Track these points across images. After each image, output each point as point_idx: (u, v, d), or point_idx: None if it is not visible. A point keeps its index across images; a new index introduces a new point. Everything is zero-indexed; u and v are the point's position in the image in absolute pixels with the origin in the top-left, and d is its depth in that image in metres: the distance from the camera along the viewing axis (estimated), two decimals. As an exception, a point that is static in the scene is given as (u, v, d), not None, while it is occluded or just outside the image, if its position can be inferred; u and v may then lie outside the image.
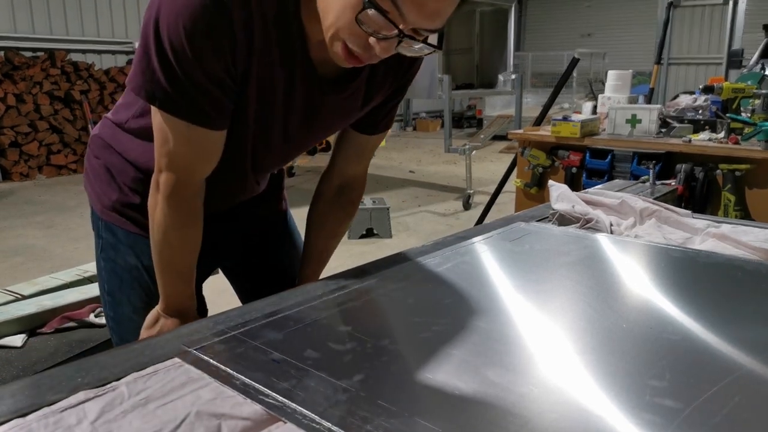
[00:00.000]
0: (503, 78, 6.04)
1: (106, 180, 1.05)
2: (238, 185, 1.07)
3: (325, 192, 1.15)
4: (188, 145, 0.86)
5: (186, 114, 0.83)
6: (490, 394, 0.59)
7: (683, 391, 0.59)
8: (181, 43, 0.77)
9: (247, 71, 0.84)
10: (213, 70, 0.81)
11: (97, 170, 1.06)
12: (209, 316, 0.79)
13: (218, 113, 0.85)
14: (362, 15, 0.72)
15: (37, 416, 0.55)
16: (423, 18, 0.72)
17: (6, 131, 6.36)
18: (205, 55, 0.79)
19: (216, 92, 0.82)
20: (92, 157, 1.08)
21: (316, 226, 1.18)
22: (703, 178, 2.56)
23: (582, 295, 0.88)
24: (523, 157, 3.15)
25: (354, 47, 0.77)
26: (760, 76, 3.90)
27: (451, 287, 0.89)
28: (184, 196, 0.90)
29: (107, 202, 1.05)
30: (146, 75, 0.81)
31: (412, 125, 12.27)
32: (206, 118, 0.84)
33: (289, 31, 0.84)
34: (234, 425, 0.54)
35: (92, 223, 1.10)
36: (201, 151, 0.88)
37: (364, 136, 1.07)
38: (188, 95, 0.81)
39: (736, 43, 6.06)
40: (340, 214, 1.17)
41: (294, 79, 0.88)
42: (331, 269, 0.99)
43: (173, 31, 0.77)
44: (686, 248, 1.12)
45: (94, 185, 1.08)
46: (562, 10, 13.12)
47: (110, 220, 1.05)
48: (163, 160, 0.87)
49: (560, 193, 1.37)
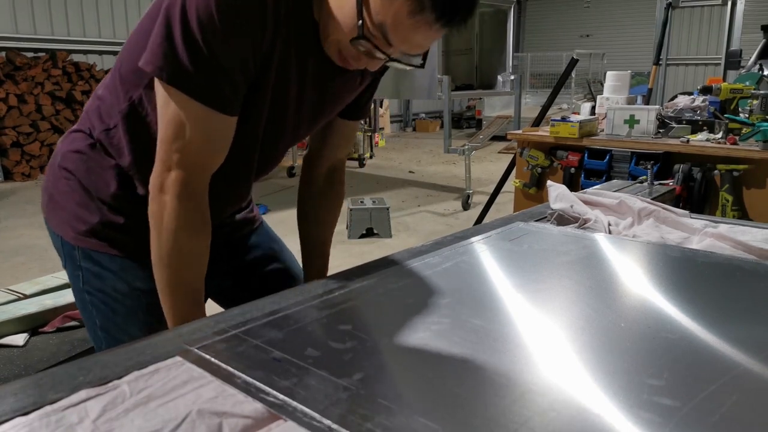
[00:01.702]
0: (502, 79, 6.04)
1: (82, 201, 0.97)
2: (241, 184, 1.06)
3: (316, 179, 1.18)
4: (204, 133, 0.84)
5: (208, 97, 0.81)
6: (489, 393, 0.59)
7: (681, 390, 0.60)
8: (211, 19, 0.77)
9: (270, 55, 0.85)
10: (240, 50, 0.81)
11: (68, 192, 0.98)
12: (210, 315, 0.79)
13: (235, 97, 0.84)
14: (355, 41, 0.82)
15: (39, 415, 0.56)
16: (409, 48, 0.83)
17: (8, 131, 6.36)
18: (235, 32, 0.79)
19: (238, 75, 0.83)
20: (61, 177, 0.99)
21: (311, 217, 1.20)
22: (701, 178, 2.57)
23: (580, 294, 0.88)
24: (522, 157, 3.16)
25: (348, 57, 0.87)
26: (758, 77, 3.91)
27: (450, 286, 0.90)
28: (197, 193, 0.87)
29: (83, 227, 0.97)
30: (168, 57, 0.79)
31: (412, 126, 12.27)
32: (226, 102, 0.83)
33: (306, 19, 0.87)
34: (235, 423, 0.55)
35: (63, 254, 1.01)
36: (216, 140, 0.86)
37: (348, 122, 1.12)
38: (211, 76, 0.80)
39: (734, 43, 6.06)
40: (332, 199, 1.20)
41: (307, 64, 0.91)
42: (331, 269, 1.00)
43: (203, 7, 0.77)
44: (684, 248, 1.13)
45: (63, 210, 0.99)
46: (561, 11, 13.12)
47: (89, 246, 0.97)
48: (174, 156, 0.84)
49: (559, 193, 1.37)
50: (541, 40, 13.18)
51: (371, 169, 7.32)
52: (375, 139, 8.75)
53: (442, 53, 5.48)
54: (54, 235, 1.02)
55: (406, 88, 5.41)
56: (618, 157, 2.81)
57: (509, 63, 6.05)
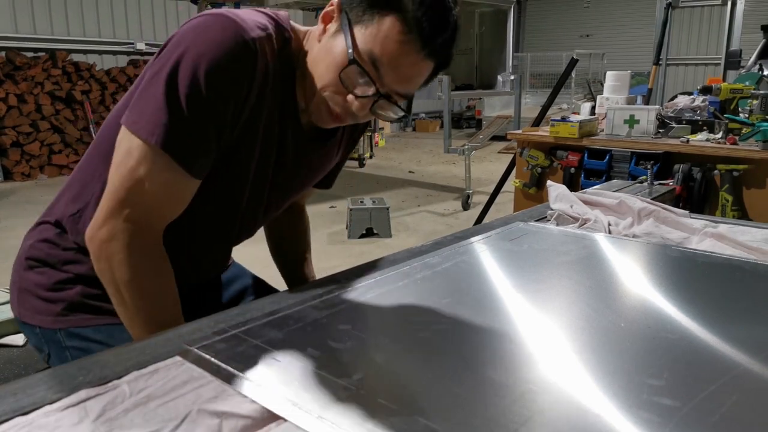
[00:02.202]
0: (502, 78, 6.04)
1: (55, 284, 0.95)
2: (222, 253, 1.08)
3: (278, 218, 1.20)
4: (165, 189, 0.82)
5: (180, 154, 0.80)
6: (489, 393, 0.59)
7: (681, 390, 0.60)
8: (199, 82, 0.77)
9: (254, 124, 0.86)
10: (221, 114, 0.81)
11: (40, 280, 0.96)
12: (210, 315, 0.79)
13: (205, 161, 0.84)
14: (345, 72, 0.81)
15: (39, 414, 0.56)
16: (398, 81, 0.83)
17: (8, 131, 6.36)
18: (220, 97, 0.79)
19: (213, 140, 0.82)
20: (29, 269, 0.97)
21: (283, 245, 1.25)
22: (701, 178, 2.57)
23: (580, 294, 0.88)
24: (521, 157, 3.16)
25: (335, 106, 0.86)
26: (758, 77, 3.91)
27: (450, 286, 0.90)
28: (150, 241, 0.84)
29: (61, 306, 0.95)
30: (145, 109, 0.79)
31: (412, 126, 12.27)
32: (195, 163, 0.82)
33: (288, 91, 0.89)
34: (235, 423, 0.55)
35: (45, 344, 0.96)
36: (173, 201, 0.85)
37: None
38: (189, 135, 0.80)
39: (734, 43, 6.06)
40: (296, 220, 1.25)
41: (287, 135, 0.93)
42: (331, 269, 1.00)
43: (191, 68, 0.77)
44: (684, 248, 1.13)
45: (37, 298, 0.96)
46: (561, 11, 13.13)
47: (71, 324, 0.94)
48: (124, 209, 0.81)
49: (559, 193, 1.37)
50: (541, 40, 13.18)
51: (371, 169, 7.32)
52: (375, 139, 8.75)
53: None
54: (31, 331, 0.98)
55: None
56: (618, 157, 2.81)
57: (509, 63, 6.05)
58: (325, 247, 4.02)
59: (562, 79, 4.21)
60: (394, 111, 0.88)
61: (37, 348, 0.99)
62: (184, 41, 0.79)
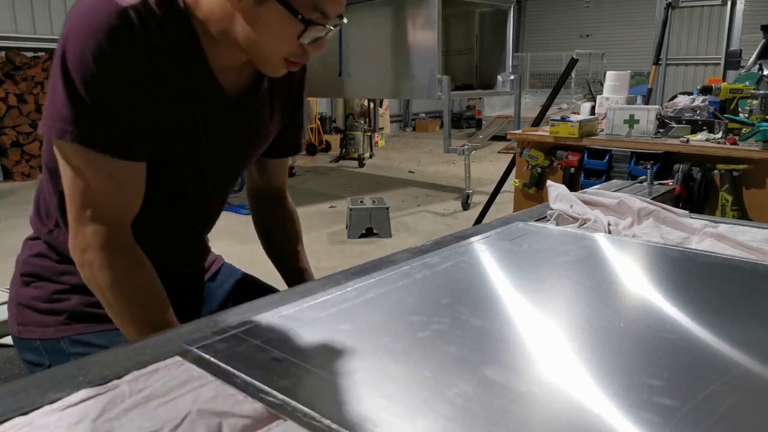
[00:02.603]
0: (502, 78, 6.04)
1: (53, 295, 0.96)
2: (190, 243, 1.06)
3: (261, 208, 1.22)
4: (111, 181, 0.82)
5: (100, 144, 0.80)
6: (488, 393, 0.59)
7: (681, 390, 0.60)
8: (88, 66, 0.77)
9: (164, 94, 0.86)
10: (120, 89, 0.80)
11: (38, 293, 0.97)
12: (210, 315, 0.79)
13: (131, 140, 0.83)
14: (304, 36, 0.85)
15: (39, 414, 0.56)
16: (335, 7, 0.86)
17: (7, 131, 6.36)
18: (113, 75, 0.79)
19: (122, 116, 0.81)
20: (26, 285, 0.98)
21: (272, 240, 1.23)
22: (701, 178, 2.57)
23: (580, 294, 0.88)
24: (521, 157, 3.16)
25: (294, 59, 0.89)
26: (757, 77, 3.91)
27: (450, 286, 0.90)
28: (123, 239, 0.85)
29: (63, 316, 0.95)
30: (55, 113, 0.79)
31: (412, 126, 12.27)
32: (118, 145, 0.82)
33: (195, 55, 0.89)
34: (234, 423, 0.55)
35: (47, 356, 0.96)
36: (123, 187, 0.85)
37: (278, 159, 1.17)
38: (98, 122, 0.79)
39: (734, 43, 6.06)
40: (283, 216, 1.22)
41: (207, 101, 0.92)
42: (331, 269, 1.00)
43: (79, 58, 0.77)
44: (684, 248, 1.13)
45: (37, 312, 0.97)
46: (561, 11, 13.13)
47: (74, 332, 0.95)
48: (86, 212, 0.82)
49: (558, 193, 1.37)
50: (541, 40, 13.18)
51: (371, 169, 7.32)
52: (375, 139, 8.75)
53: (442, 53, 5.47)
54: (29, 346, 0.97)
55: (405, 88, 5.41)
56: (618, 157, 2.81)
57: (509, 63, 6.05)
58: (325, 247, 4.02)
59: (562, 79, 4.21)
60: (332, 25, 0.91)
61: (32, 364, 0.99)
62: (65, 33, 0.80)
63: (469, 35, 6.28)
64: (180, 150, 0.92)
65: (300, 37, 0.85)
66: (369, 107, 8.63)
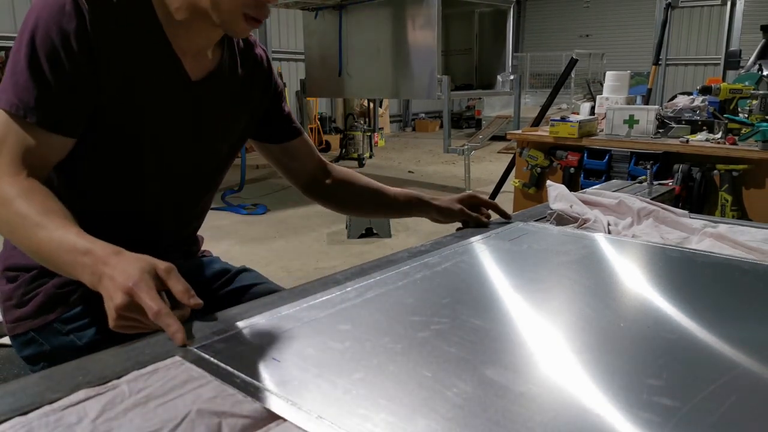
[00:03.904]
0: (502, 79, 6.04)
1: (33, 276, 0.97)
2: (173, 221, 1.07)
3: (318, 189, 1.23)
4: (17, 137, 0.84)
5: (48, 122, 0.84)
6: (488, 393, 0.59)
7: (680, 390, 0.60)
8: (36, 39, 0.83)
9: (119, 74, 0.88)
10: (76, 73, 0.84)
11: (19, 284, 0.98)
12: (210, 315, 0.79)
13: (75, 118, 0.87)
14: None
15: (38, 414, 0.55)
16: None
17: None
18: (55, 47, 0.83)
19: (76, 96, 0.86)
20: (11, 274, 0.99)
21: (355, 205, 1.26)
22: (701, 178, 2.57)
23: (580, 294, 0.89)
24: (521, 157, 3.16)
25: (253, 13, 0.88)
26: (757, 77, 3.91)
27: (449, 286, 0.90)
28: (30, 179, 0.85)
29: (45, 304, 0.96)
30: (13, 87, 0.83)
31: (411, 126, 12.28)
32: (64, 124, 0.86)
33: (153, 35, 0.91)
34: (234, 423, 0.55)
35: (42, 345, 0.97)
36: (49, 155, 0.87)
37: (289, 143, 1.17)
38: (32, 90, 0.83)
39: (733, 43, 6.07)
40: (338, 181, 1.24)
41: (170, 86, 0.95)
42: (331, 269, 1.00)
43: (28, 31, 0.83)
44: (683, 248, 1.13)
45: (19, 305, 0.98)
46: (561, 11, 13.13)
47: (61, 312, 0.96)
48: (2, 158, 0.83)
49: (558, 193, 1.37)
50: (541, 40, 13.19)
51: (371, 169, 7.32)
52: (374, 139, 8.75)
53: (442, 53, 5.48)
54: (26, 340, 0.98)
55: (405, 88, 5.41)
56: (617, 157, 2.82)
57: (509, 63, 6.05)
58: (325, 247, 4.02)
59: (562, 79, 4.22)
60: None
61: (32, 358, 0.99)
62: (26, 17, 0.85)
63: (469, 35, 6.28)
64: (142, 131, 0.94)
65: None
66: (369, 107, 8.64)
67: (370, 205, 1.25)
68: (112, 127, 0.91)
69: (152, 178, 0.98)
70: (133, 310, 0.68)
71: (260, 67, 1.11)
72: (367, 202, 1.25)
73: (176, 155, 1.00)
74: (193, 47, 0.95)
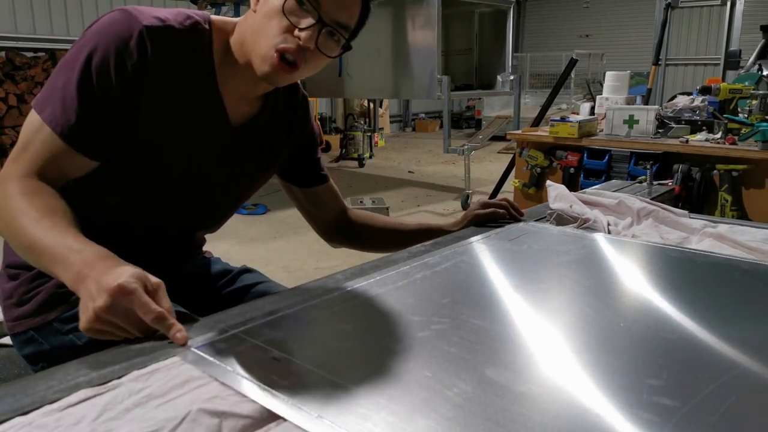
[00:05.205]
0: (502, 79, 6.04)
1: (35, 275, 0.96)
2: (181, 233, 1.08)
3: (341, 232, 1.28)
4: (57, 160, 0.86)
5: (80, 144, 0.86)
6: (488, 393, 0.59)
7: (680, 390, 0.60)
8: (92, 67, 0.84)
9: (165, 111, 0.90)
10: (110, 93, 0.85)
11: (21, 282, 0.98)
12: (210, 315, 0.79)
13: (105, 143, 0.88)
14: (286, 6, 0.86)
15: (38, 414, 0.55)
16: (335, 6, 0.87)
17: (7, 131, 6.36)
18: (109, 77, 0.85)
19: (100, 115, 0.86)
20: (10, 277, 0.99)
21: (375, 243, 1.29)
22: (700, 178, 2.57)
23: (580, 294, 0.89)
24: (521, 157, 3.16)
25: (282, 45, 0.87)
26: (757, 77, 3.91)
27: (449, 286, 0.90)
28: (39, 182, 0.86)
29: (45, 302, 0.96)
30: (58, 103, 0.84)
31: (411, 126, 12.27)
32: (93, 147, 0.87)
33: (208, 81, 0.94)
34: (234, 423, 0.55)
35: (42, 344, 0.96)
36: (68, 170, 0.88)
37: (313, 188, 1.20)
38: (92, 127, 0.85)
39: (733, 44, 6.07)
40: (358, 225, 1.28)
41: (213, 127, 0.97)
42: (330, 269, 1.00)
43: (88, 57, 0.84)
44: (683, 248, 1.13)
45: (20, 303, 0.98)
46: (561, 11, 13.12)
47: (61, 312, 0.95)
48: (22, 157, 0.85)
49: (558, 193, 1.37)
50: (541, 40, 13.18)
51: (371, 169, 7.32)
52: (374, 139, 8.75)
53: (442, 53, 5.47)
54: (26, 338, 0.98)
55: (405, 89, 5.41)
56: (617, 157, 2.82)
57: (509, 63, 6.05)
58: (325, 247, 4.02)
59: (562, 79, 4.22)
60: (338, 42, 0.94)
61: (32, 356, 0.99)
62: (87, 36, 0.87)
63: (469, 35, 6.28)
64: (174, 165, 0.96)
65: (283, 8, 0.86)
66: (369, 107, 8.63)
67: (392, 242, 1.27)
68: (146, 156, 0.93)
69: (177, 201, 1.00)
70: (113, 314, 0.67)
71: (298, 115, 1.12)
72: (390, 241, 1.27)
73: (205, 189, 1.02)
74: (239, 93, 0.97)
